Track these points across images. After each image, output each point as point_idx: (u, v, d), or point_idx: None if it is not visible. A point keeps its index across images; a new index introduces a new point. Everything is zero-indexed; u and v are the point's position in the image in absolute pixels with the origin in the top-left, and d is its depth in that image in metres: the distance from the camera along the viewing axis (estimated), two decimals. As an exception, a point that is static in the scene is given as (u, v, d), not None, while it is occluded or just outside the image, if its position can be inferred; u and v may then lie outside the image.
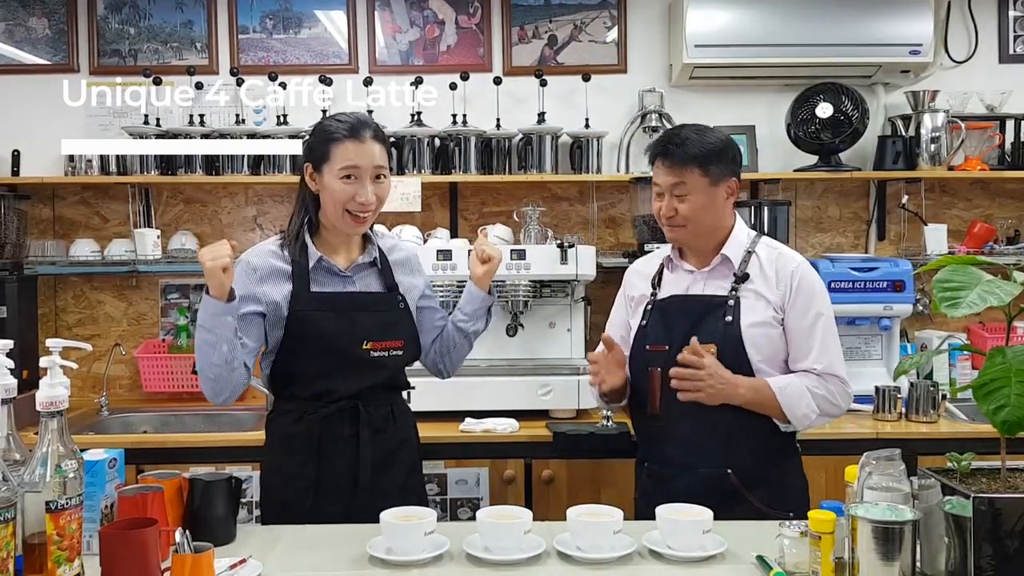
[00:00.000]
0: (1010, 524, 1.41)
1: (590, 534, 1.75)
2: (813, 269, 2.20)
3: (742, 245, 2.19)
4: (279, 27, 3.67)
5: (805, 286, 2.14)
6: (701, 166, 2.11)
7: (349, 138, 2.07)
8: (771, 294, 2.14)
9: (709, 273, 2.19)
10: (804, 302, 2.13)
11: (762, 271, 2.16)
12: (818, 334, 2.12)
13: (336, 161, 2.06)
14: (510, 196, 3.64)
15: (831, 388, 2.12)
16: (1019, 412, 1.42)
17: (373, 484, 2.09)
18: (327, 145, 2.07)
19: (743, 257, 2.17)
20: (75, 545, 1.50)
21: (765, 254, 2.18)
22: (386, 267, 2.21)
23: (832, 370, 2.12)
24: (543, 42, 3.68)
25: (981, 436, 2.69)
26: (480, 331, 2.36)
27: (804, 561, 1.59)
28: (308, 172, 2.12)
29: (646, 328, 2.22)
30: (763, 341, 2.12)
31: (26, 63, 3.66)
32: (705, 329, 2.13)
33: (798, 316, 2.13)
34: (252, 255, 2.14)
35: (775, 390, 2.08)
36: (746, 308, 2.13)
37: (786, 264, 2.17)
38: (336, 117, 2.13)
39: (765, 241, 2.23)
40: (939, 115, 3.48)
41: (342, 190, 2.07)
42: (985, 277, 1.48)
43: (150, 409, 3.43)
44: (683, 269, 2.24)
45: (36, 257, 3.52)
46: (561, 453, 2.84)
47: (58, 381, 1.58)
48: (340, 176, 2.06)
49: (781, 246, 2.24)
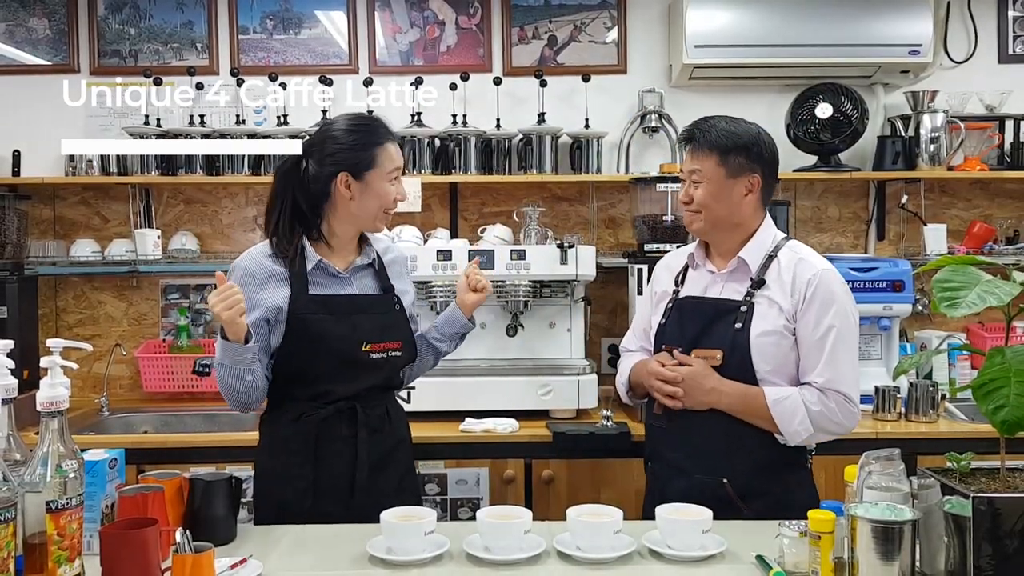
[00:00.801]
0: (1009, 524, 1.41)
1: (590, 534, 1.75)
2: (839, 278, 2.08)
3: (763, 248, 2.11)
4: (279, 28, 3.67)
5: (821, 295, 2.03)
6: (719, 155, 2.06)
7: (387, 141, 2.12)
8: (784, 301, 2.05)
9: (728, 276, 2.13)
10: (816, 313, 2.03)
11: (779, 277, 2.07)
12: (827, 347, 2.02)
13: (384, 164, 2.10)
14: (510, 196, 3.64)
15: (831, 405, 2.02)
16: (1018, 412, 1.42)
17: (370, 484, 2.10)
18: (371, 150, 2.09)
19: (763, 261, 2.10)
20: (75, 545, 1.50)
21: (786, 259, 2.09)
22: (382, 269, 2.22)
23: (835, 386, 2.02)
24: (543, 42, 3.68)
25: (980, 436, 2.70)
26: (449, 352, 2.40)
27: (804, 561, 1.59)
28: (344, 182, 2.08)
29: (665, 326, 2.19)
30: (772, 351, 2.04)
31: (27, 63, 3.66)
32: (715, 334, 2.09)
33: (808, 327, 2.03)
34: (247, 261, 2.12)
35: (770, 401, 2.02)
36: (758, 315, 2.05)
37: (805, 271, 2.06)
38: (355, 123, 2.14)
39: (791, 245, 2.13)
40: (938, 115, 3.48)
41: (389, 192, 2.12)
42: (984, 277, 1.48)
43: (150, 409, 3.43)
44: (705, 269, 2.18)
45: (37, 257, 3.53)
46: (561, 453, 2.84)
47: (59, 381, 1.58)
48: (389, 179, 2.12)
49: (807, 251, 2.13)
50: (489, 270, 3.01)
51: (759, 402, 2.03)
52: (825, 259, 2.12)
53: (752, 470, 2.05)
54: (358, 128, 2.12)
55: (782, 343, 2.05)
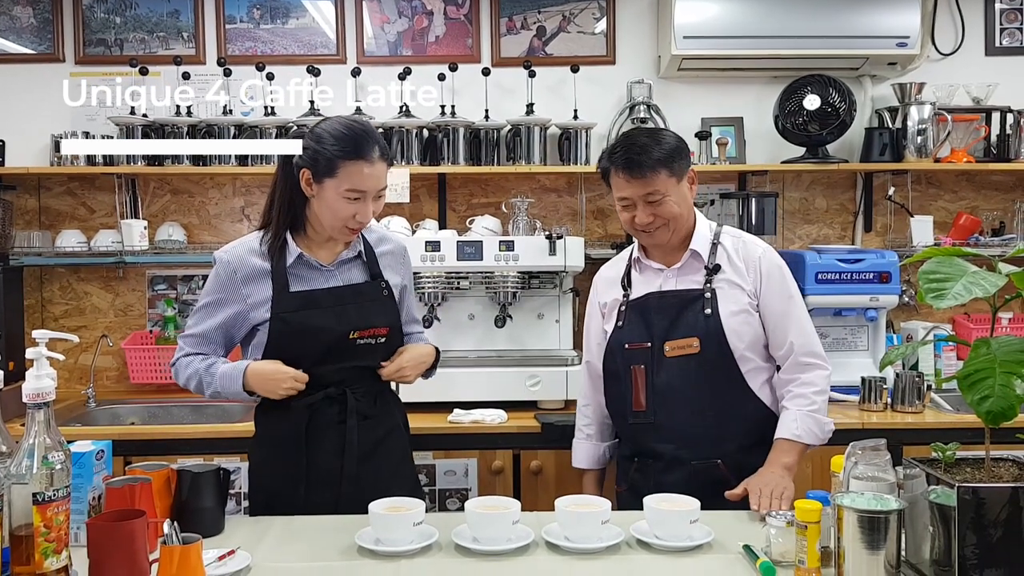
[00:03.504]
0: (994, 513, 1.42)
1: (578, 524, 1.75)
2: (775, 252, 2.25)
3: (707, 238, 2.22)
4: (266, 17, 3.65)
5: (772, 270, 2.19)
6: (667, 167, 2.11)
7: (358, 159, 1.99)
8: (744, 282, 2.17)
9: (680, 269, 2.21)
10: (775, 286, 2.18)
11: (731, 261, 2.20)
12: (793, 315, 2.17)
13: (343, 181, 2.00)
14: (498, 187, 3.64)
15: (817, 385, 2.15)
16: (1003, 402, 1.42)
17: (362, 472, 2.09)
18: (334, 162, 1.99)
19: (710, 249, 2.21)
20: (63, 537, 1.49)
21: (731, 244, 2.22)
22: (371, 258, 2.20)
23: (810, 348, 2.17)
24: (531, 33, 3.67)
25: (966, 426, 2.72)
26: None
27: (790, 550, 1.60)
28: (305, 178, 2.04)
29: (623, 328, 2.23)
30: (744, 329, 2.15)
31: (11, 52, 3.63)
32: (685, 323, 2.16)
33: (772, 300, 2.17)
34: (229, 254, 2.11)
35: (793, 438, 2.09)
36: (723, 298, 2.16)
37: (751, 252, 2.21)
38: (341, 127, 2.03)
39: (727, 230, 2.26)
40: (926, 107, 3.49)
41: (344, 208, 2.02)
42: (970, 268, 1.48)
43: (137, 400, 3.42)
44: (652, 268, 2.25)
45: (22, 248, 3.50)
46: (549, 444, 2.84)
47: (45, 372, 1.57)
48: (344, 196, 2.01)
49: (742, 234, 2.28)
50: (478, 261, 3.02)
51: (796, 446, 2.10)
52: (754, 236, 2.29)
53: (742, 449, 2.14)
54: (340, 135, 2.01)
55: (750, 320, 2.16)
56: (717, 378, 2.14)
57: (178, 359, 2.17)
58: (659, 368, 2.16)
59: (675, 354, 2.15)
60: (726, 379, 2.15)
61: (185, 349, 2.16)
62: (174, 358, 2.18)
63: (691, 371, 2.14)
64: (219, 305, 2.11)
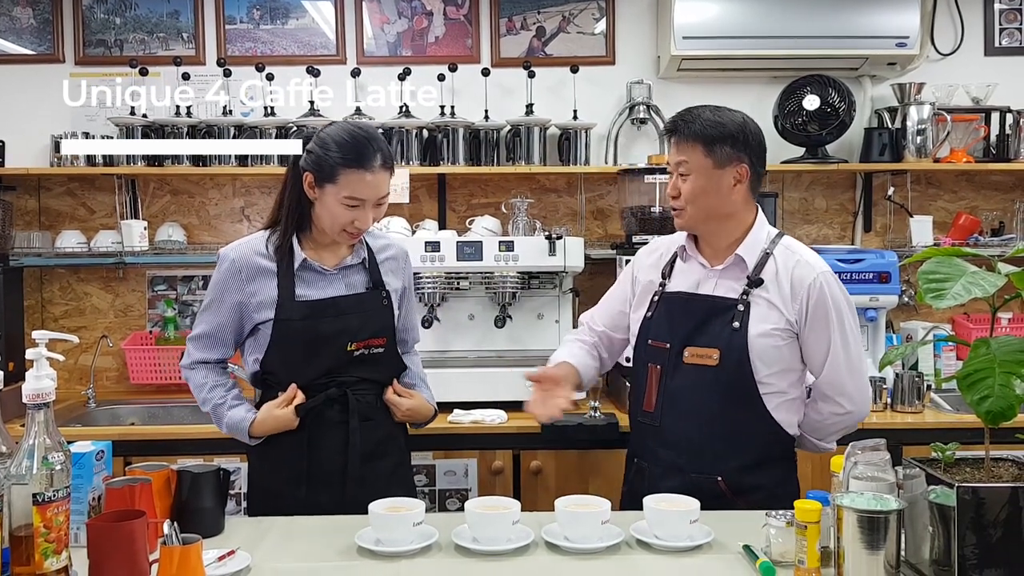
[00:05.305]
0: (993, 513, 1.42)
1: (578, 524, 1.75)
2: (834, 278, 2.04)
3: (759, 245, 2.04)
4: (266, 18, 3.65)
5: (820, 304, 1.99)
6: (705, 145, 1.99)
7: (360, 168, 2.01)
8: (784, 306, 2.00)
9: (722, 272, 2.06)
10: (819, 323, 2.00)
11: (777, 278, 2.01)
12: (834, 354, 2.00)
13: (342, 188, 2.02)
14: (498, 188, 3.64)
15: (821, 415, 2.08)
16: (1002, 402, 1.43)
17: (363, 474, 2.10)
18: (335, 168, 2.01)
19: (759, 259, 2.03)
20: (62, 537, 1.49)
21: (783, 259, 2.03)
22: (373, 265, 2.20)
23: (837, 384, 2.03)
24: (531, 33, 3.67)
25: (965, 426, 2.72)
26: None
27: (790, 551, 1.60)
28: (308, 181, 2.06)
29: (651, 320, 2.12)
30: (771, 353, 1.99)
31: (11, 53, 3.63)
32: (709, 332, 2.02)
33: (812, 336, 2.00)
34: (235, 252, 2.12)
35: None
36: (756, 316, 1.99)
37: (804, 275, 2.00)
38: (345, 134, 2.04)
39: (785, 243, 2.07)
40: (925, 107, 3.50)
41: (343, 214, 2.04)
42: (970, 269, 1.48)
43: (137, 401, 3.42)
44: (697, 262, 2.10)
45: (22, 248, 3.50)
46: (549, 444, 2.85)
47: (45, 373, 1.57)
48: (343, 203, 2.03)
49: (803, 250, 2.07)
50: (477, 261, 3.02)
51: None
52: (815, 254, 2.08)
53: (745, 467, 2.02)
54: (343, 142, 2.03)
55: (780, 345, 2.00)
56: (732, 395, 2.00)
57: (193, 368, 2.17)
58: (674, 372, 2.04)
59: (693, 361, 2.02)
60: (741, 398, 2.00)
61: (195, 355, 2.16)
62: (188, 361, 2.18)
63: (706, 383, 2.01)
64: (225, 301, 2.11)
